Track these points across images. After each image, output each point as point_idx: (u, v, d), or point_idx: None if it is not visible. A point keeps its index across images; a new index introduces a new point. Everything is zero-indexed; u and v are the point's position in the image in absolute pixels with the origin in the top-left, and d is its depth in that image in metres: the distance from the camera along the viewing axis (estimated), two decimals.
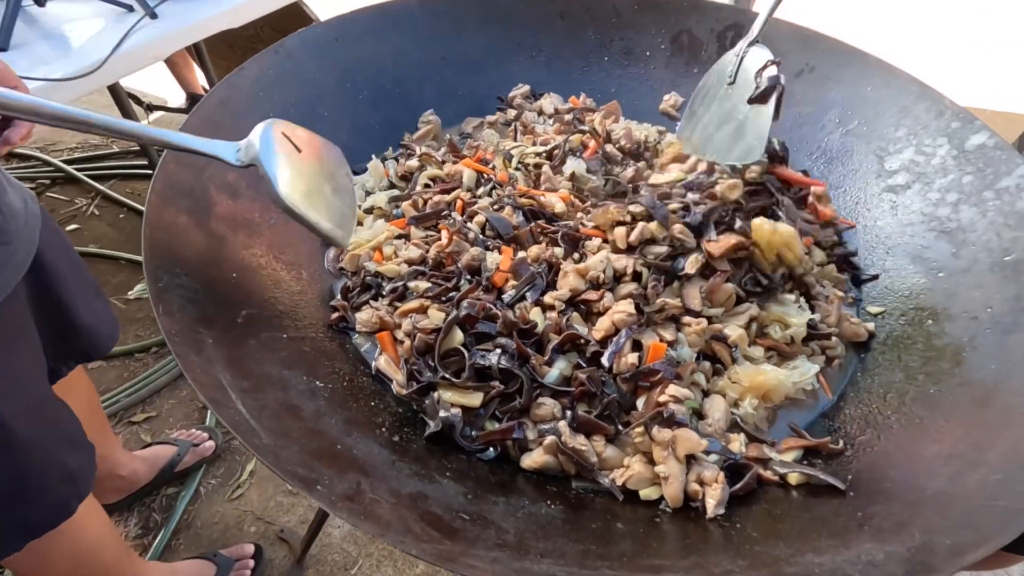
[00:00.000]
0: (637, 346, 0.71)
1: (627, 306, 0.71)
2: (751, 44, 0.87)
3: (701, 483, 0.62)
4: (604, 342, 0.70)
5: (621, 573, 0.47)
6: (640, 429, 0.64)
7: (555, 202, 0.82)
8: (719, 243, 0.75)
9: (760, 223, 0.76)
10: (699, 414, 0.69)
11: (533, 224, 0.82)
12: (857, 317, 0.81)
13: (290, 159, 0.65)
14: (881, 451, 0.63)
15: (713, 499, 0.59)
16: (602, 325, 0.71)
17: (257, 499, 1.65)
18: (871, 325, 0.80)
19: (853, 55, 1.01)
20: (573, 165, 0.89)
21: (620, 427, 0.66)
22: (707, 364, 0.73)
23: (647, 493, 0.62)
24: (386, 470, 0.57)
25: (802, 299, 0.80)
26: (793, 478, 0.62)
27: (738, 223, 0.77)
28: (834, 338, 0.77)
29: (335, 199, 0.70)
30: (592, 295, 0.72)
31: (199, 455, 1.64)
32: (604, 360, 0.68)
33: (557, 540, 0.52)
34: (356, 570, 1.55)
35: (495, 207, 0.83)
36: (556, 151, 0.93)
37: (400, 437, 0.64)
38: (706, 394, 0.72)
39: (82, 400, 1.25)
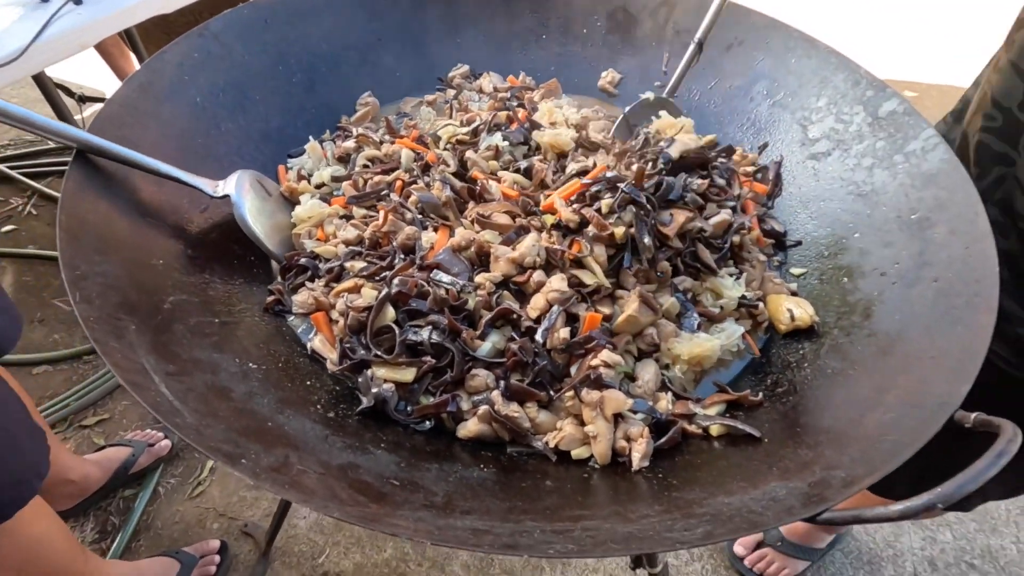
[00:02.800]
0: (573, 319, 0.72)
1: (560, 283, 0.72)
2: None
3: (628, 439, 0.64)
4: (539, 319, 0.71)
5: (542, 524, 0.49)
6: (571, 393, 0.66)
7: (495, 190, 0.82)
8: (672, 224, 0.75)
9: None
10: (631, 377, 0.72)
11: (469, 199, 0.82)
12: (781, 278, 0.85)
13: (257, 198, 0.83)
14: (796, 401, 0.67)
15: (638, 453, 0.62)
16: (536, 304, 0.71)
17: (219, 495, 1.64)
18: (794, 285, 0.84)
19: (777, 27, 1.04)
20: (490, 139, 0.89)
21: (552, 393, 0.68)
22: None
23: (578, 452, 0.64)
24: (318, 444, 0.58)
25: (737, 270, 0.83)
26: (715, 429, 0.65)
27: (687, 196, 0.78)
28: (760, 304, 0.80)
29: (285, 230, 0.87)
30: (521, 277, 0.72)
31: (155, 455, 1.61)
32: (538, 337, 0.69)
33: (485, 499, 0.54)
34: (324, 559, 1.55)
35: (427, 184, 0.84)
36: (480, 128, 0.93)
37: (336, 413, 0.65)
38: (638, 358, 0.74)
39: None
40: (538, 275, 0.72)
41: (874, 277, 0.77)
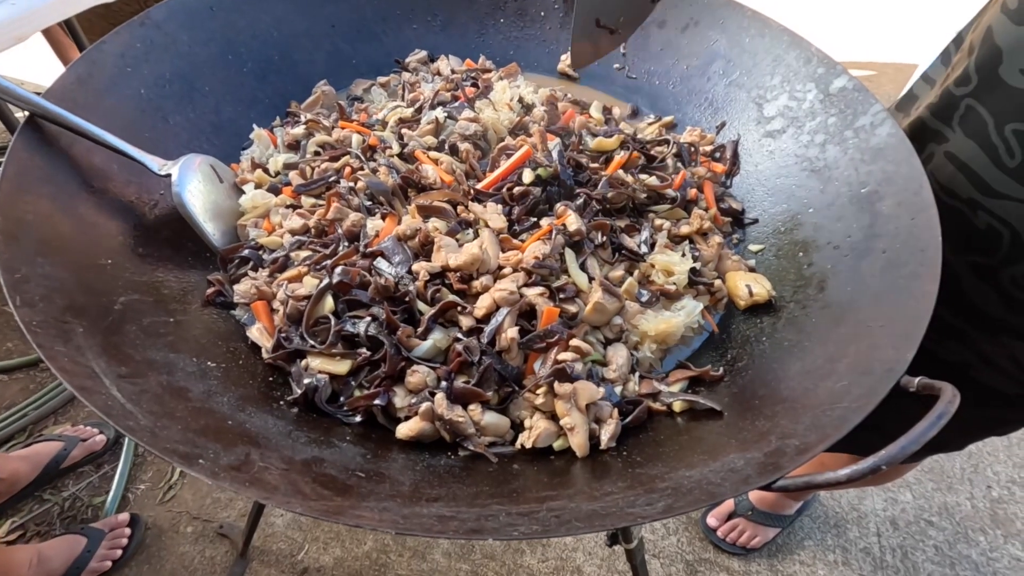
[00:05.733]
0: (531, 315, 0.70)
1: (510, 284, 0.70)
2: None
3: (598, 422, 0.65)
4: (487, 319, 0.69)
5: (508, 507, 0.49)
6: (544, 388, 0.65)
7: (430, 173, 0.81)
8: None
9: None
10: (601, 363, 0.72)
11: (407, 186, 0.82)
12: (739, 255, 0.87)
13: (204, 182, 0.81)
14: (754, 374, 0.68)
15: (607, 433, 0.63)
16: (483, 303, 0.69)
17: (192, 499, 1.61)
18: (752, 262, 0.86)
19: (732, 7, 1.05)
20: (431, 114, 0.88)
21: (500, 391, 0.67)
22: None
23: (560, 444, 0.64)
24: (281, 440, 0.57)
25: (687, 245, 0.84)
26: (677, 406, 0.67)
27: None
28: (716, 281, 0.82)
29: (231, 218, 0.85)
30: (459, 284, 0.71)
31: (88, 449, 1.57)
32: (484, 338, 0.67)
33: (452, 486, 0.54)
34: (303, 555, 1.54)
35: (373, 169, 0.82)
36: (424, 105, 0.92)
37: (300, 408, 0.64)
38: (607, 343, 0.75)
39: None
40: (485, 279, 0.71)
41: (828, 251, 0.79)
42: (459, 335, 0.68)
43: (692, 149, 0.97)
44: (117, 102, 0.81)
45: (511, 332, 0.66)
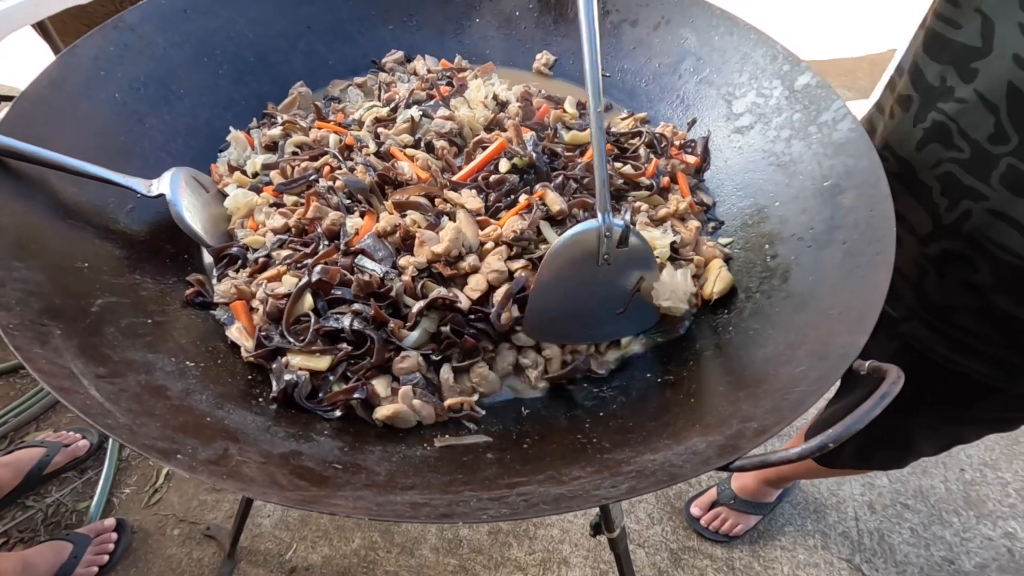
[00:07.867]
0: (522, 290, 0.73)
1: (497, 263, 0.72)
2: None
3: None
4: (483, 300, 0.71)
5: (480, 493, 0.51)
6: None
7: (406, 169, 0.82)
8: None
9: None
10: None
11: (384, 183, 0.84)
12: (715, 242, 0.89)
13: (194, 195, 0.83)
14: (721, 363, 0.71)
15: None
16: (477, 285, 0.71)
17: (178, 501, 1.61)
18: (727, 250, 0.88)
19: (701, 6, 1.08)
20: (407, 112, 0.90)
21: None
22: None
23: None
24: (259, 435, 0.58)
25: (668, 225, 0.87)
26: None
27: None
28: (697, 257, 0.84)
29: (224, 224, 0.87)
30: (447, 271, 0.72)
31: (71, 455, 1.57)
32: (492, 319, 0.70)
33: (426, 475, 0.56)
34: (291, 554, 1.55)
35: (350, 168, 0.84)
36: (399, 104, 0.94)
37: (278, 404, 0.65)
38: None
39: None
40: (471, 259, 0.73)
41: (792, 242, 0.82)
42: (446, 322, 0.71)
43: (663, 140, 1.00)
44: (92, 106, 0.82)
45: (513, 311, 0.70)
